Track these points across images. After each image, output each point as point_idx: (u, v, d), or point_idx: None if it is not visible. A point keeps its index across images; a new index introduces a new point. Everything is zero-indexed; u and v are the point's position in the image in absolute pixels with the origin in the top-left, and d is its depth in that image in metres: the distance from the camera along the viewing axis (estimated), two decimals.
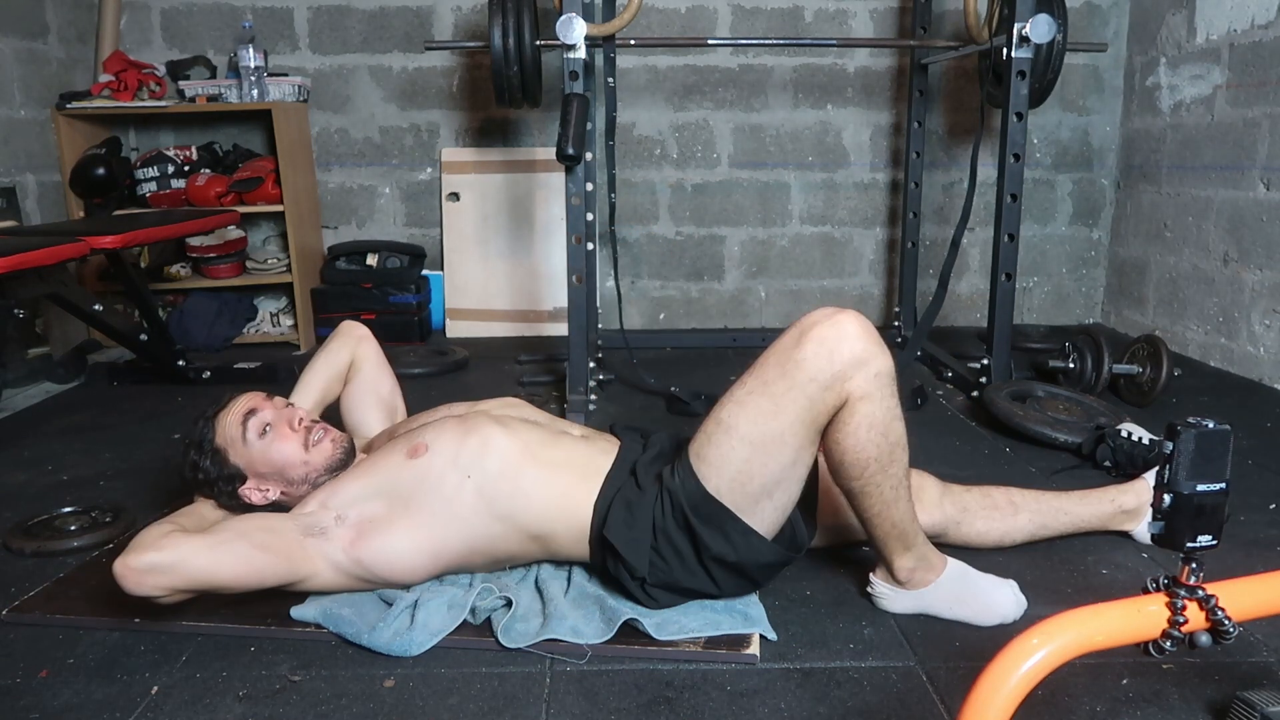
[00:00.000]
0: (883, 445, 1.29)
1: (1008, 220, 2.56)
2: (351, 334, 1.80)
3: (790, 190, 3.72)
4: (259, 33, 3.48)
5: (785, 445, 1.29)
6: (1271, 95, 2.80)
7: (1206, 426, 0.95)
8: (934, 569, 1.43)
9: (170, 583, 1.26)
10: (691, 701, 1.25)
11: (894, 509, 1.35)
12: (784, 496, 1.35)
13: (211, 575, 1.29)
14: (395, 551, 1.40)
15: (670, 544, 1.37)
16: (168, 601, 1.29)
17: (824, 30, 3.58)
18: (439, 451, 1.42)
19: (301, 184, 3.51)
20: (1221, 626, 0.94)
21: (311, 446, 1.49)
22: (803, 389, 1.26)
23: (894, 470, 1.32)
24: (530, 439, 1.46)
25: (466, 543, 1.42)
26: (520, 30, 2.59)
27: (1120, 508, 1.68)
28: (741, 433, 1.30)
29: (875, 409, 1.27)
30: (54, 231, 2.67)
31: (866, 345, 1.26)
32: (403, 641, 1.35)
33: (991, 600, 1.43)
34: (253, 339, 3.56)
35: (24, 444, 2.39)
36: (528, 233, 3.65)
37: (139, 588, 1.25)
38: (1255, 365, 2.90)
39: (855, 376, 1.25)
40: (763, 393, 1.29)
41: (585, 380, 2.54)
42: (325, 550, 1.38)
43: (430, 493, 1.40)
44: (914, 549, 1.41)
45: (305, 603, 1.43)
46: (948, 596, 1.43)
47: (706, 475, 1.33)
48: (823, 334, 1.25)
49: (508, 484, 1.40)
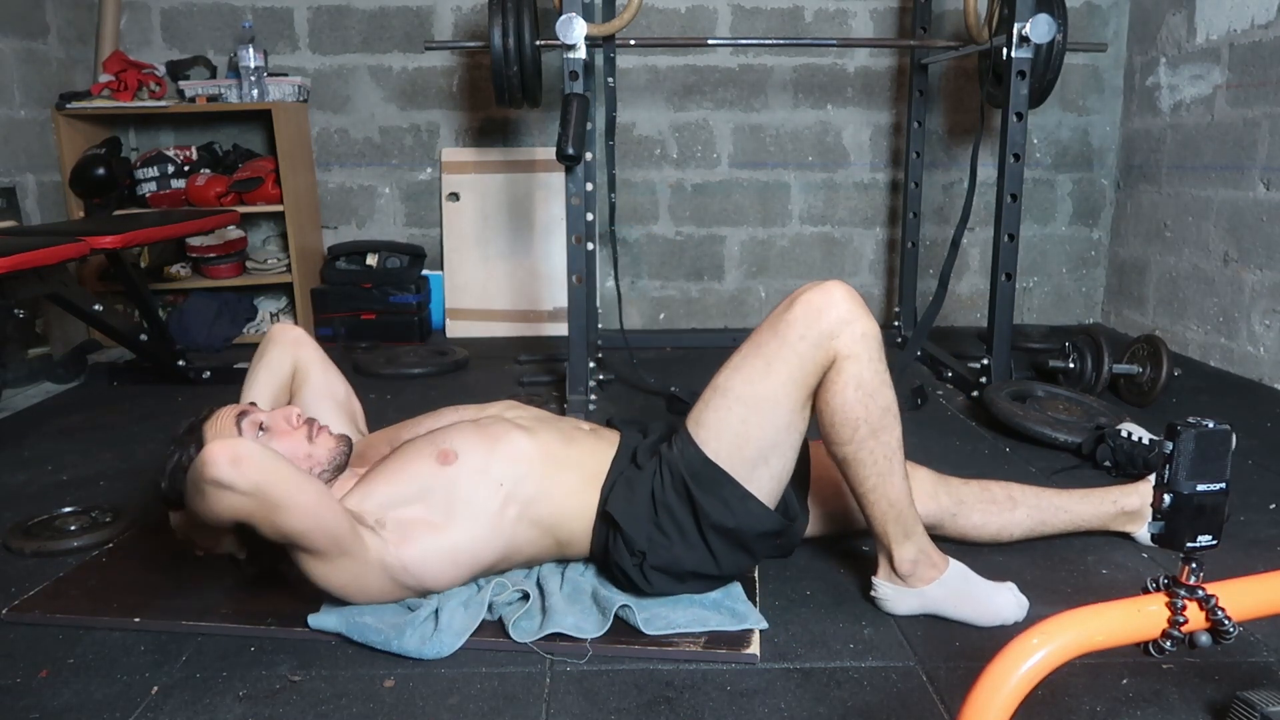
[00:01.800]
0: (871, 407, 1.34)
1: (1008, 220, 2.56)
2: (286, 337, 1.65)
3: (790, 190, 3.72)
4: (259, 33, 3.48)
5: (779, 405, 1.34)
6: (1271, 95, 2.80)
7: (1206, 426, 0.95)
8: (937, 566, 1.43)
9: (254, 477, 1.18)
10: (691, 701, 1.25)
11: (889, 484, 1.37)
12: (779, 463, 1.38)
13: (289, 489, 1.22)
14: (433, 559, 1.37)
15: (670, 515, 1.39)
16: (221, 512, 1.22)
17: (824, 30, 3.58)
18: (468, 458, 1.40)
19: (301, 184, 3.51)
20: (1221, 626, 0.94)
21: (313, 439, 1.43)
22: (793, 347, 1.32)
23: (885, 438, 1.36)
24: (549, 440, 1.47)
25: (502, 548, 1.42)
26: (520, 30, 2.59)
27: (1122, 509, 1.67)
28: (737, 393, 1.36)
29: (862, 370, 1.33)
30: (54, 231, 2.67)
31: (852, 308, 1.33)
32: (434, 644, 1.34)
33: (995, 601, 1.43)
34: (253, 339, 3.56)
35: (24, 444, 2.39)
36: (528, 233, 3.65)
37: (222, 468, 1.17)
38: (1255, 365, 2.90)
39: (842, 335, 1.32)
40: (756, 354, 1.36)
41: (585, 380, 2.54)
42: (380, 547, 1.34)
43: (466, 501, 1.38)
44: (914, 538, 1.41)
45: (323, 612, 1.41)
46: (952, 595, 1.43)
47: (705, 440, 1.38)
48: (810, 297, 1.34)
49: (537, 489, 1.42)
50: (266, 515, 1.22)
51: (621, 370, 2.99)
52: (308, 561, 1.31)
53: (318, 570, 1.32)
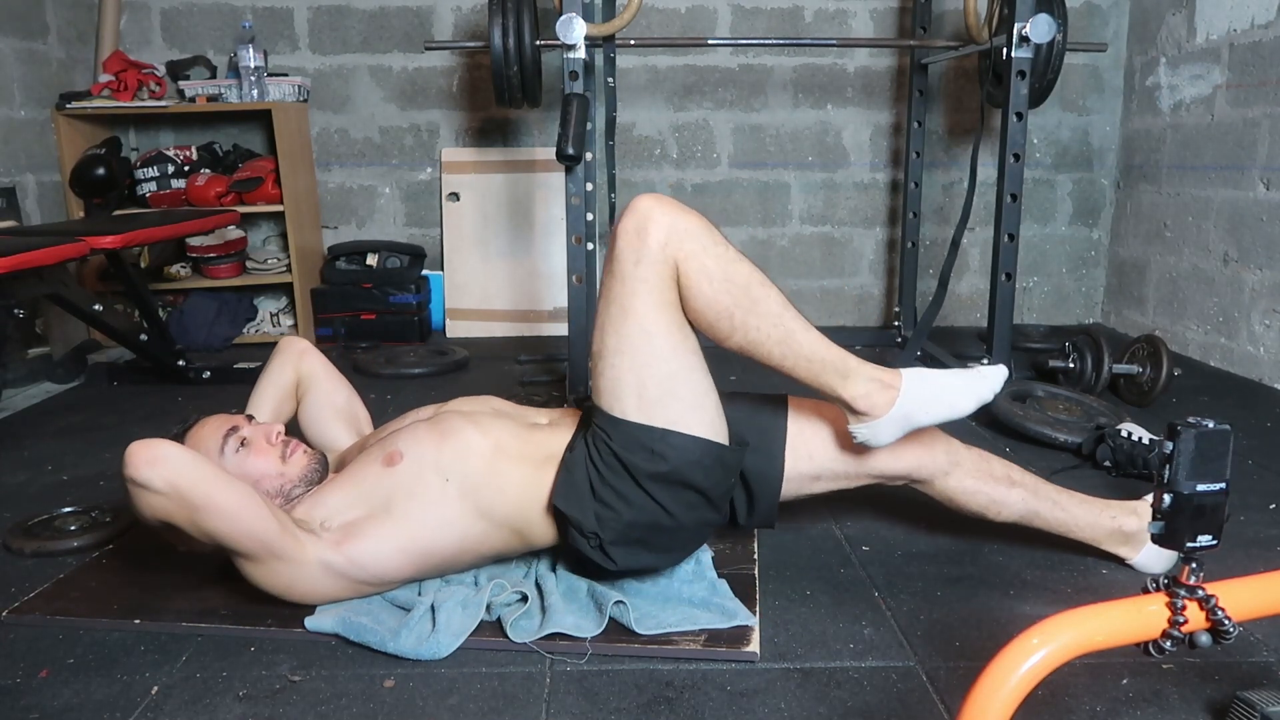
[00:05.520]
0: (731, 289, 1.34)
1: (1008, 220, 2.56)
2: (292, 349, 1.74)
3: (790, 190, 3.72)
4: (259, 33, 3.48)
5: (653, 336, 1.35)
6: (1271, 95, 2.80)
7: (1206, 426, 0.95)
8: (891, 386, 1.40)
9: (169, 477, 1.24)
10: (691, 701, 1.25)
11: (795, 343, 1.37)
12: (688, 390, 1.38)
13: (208, 490, 1.27)
14: (384, 553, 1.39)
15: (609, 487, 1.39)
16: (144, 512, 1.28)
17: (824, 30, 3.58)
18: (415, 457, 1.42)
19: (301, 184, 3.51)
20: (1221, 626, 0.94)
21: (287, 459, 1.49)
22: (633, 277, 1.34)
23: (764, 308, 1.36)
24: (501, 434, 1.46)
25: (455, 542, 1.43)
26: (520, 30, 2.59)
27: (1120, 527, 1.60)
28: (613, 347, 1.37)
29: (704, 261, 1.33)
30: (54, 231, 2.67)
31: (664, 212, 1.34)
32: (430, 645, 1.34)
33: (962, 384, 1.41)
34: (253, 339, 3.57)
35: (24, 444, 2.39)
36: (528, 233, 3.65)
37: (138, 468, 1.24)
38: (1255, 365, 2.90)
39: (668, 242, 1.33)
40: (609, 304, 1.37)
41: (585, 380, 2.54)
42: (317, 547, 1.37)
43: (411, 498, 1.40)
44: (852, 375, 1.39)
45: (318, 614, 1.41)
46: (921, 403, 1.40)
47: (611, 405, 1.39)
48: (624, 225, 1.35)
49: (485, 482, 1.42)
50: (188, 516, 1.28)
51: None
52: (243, 564, 1.36)
53: (254, 573, 1.37)
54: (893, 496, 1.91)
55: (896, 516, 1.85)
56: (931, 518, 1.82)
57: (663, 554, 1.47)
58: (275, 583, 1.37)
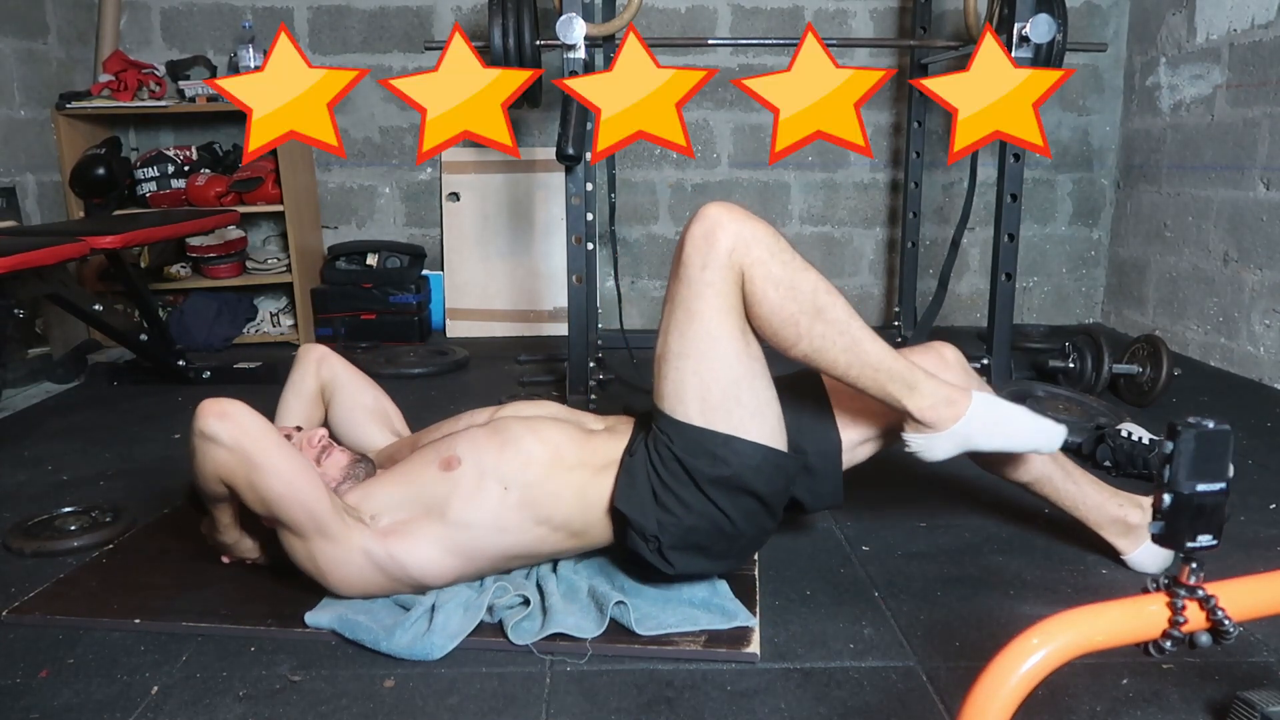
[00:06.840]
0: (797, 297, 1.35)
1: (1008, 220, 2.56)
2: (310, 357, 1.76)
3: (790, 190, 3.72)
4: (259, 33, 3.48)
5: (718, 341, 1.35)
6: (1271, 95, 2.80)
7: (1206, 426, 0.95)
8: (959, 403, 1.39)
9: (235, 434, 1.28)
10: (691, 701, 1.25)
11: (861, 352, 1.36)
12: (751, 396, 1.38)
13: (270, 451, 1.30)
14: (432, 556, 1.39)
15: (670, 492, 1.39)
16: (207, 469, 1.31)
17: (824, 30, 3.58)
18: (474, 463, 1.42)
19: (301, 184, 3.51)
20: (1221, 626, 0.94)
21: (323, 461, 1.51)
22: (701, 282, 1.33)
23: (831, 316, 1.36)
24: (560, 441, 1.47)
25: (509, 547, 1.43)
26: (520, 30, 2.59)
27: (1124, 516, 1.62)
28: (677, 351, 1.37)
29: (771, 267, 1.33)
30: (54, 231, 2.67)
31: (733, 218, 1.33)
32: (423, 645, 1.34)
33: (1027, 425, 1.41)
34: (253, 339, 3.56)
35: (24, 444, 2.39)
36: (528, 233, 3.65)
37: (208, 420, 1.28)
38: (1255, 365, 2.90)
39: (735, 248, 1.32)
40: (676, 308, 1.37)
41: (585, 380, 2.54)
42: (363, 535, 1.37)
43: (469, 504, 1.39)
44: (919, 387, 1.38)
45: (319, 609, 1.42)
46: (983, 427, 1.39)
47: (674, 408, 1.38)
48: (693, 232, 1.34)
49: (545, 490, 1.42)
50: (246, 475, 1.30)
51: (621, 370, 2.99)
52: (288, 539, 1.37)
53: (297, 549, 1.37)
54: (893, 496, 1.91)
55: (896, 516, 1.85)
56: (932, 518, 1.82)
57: (718, 560, 1.47)
58: (316, 563, 1.37)
